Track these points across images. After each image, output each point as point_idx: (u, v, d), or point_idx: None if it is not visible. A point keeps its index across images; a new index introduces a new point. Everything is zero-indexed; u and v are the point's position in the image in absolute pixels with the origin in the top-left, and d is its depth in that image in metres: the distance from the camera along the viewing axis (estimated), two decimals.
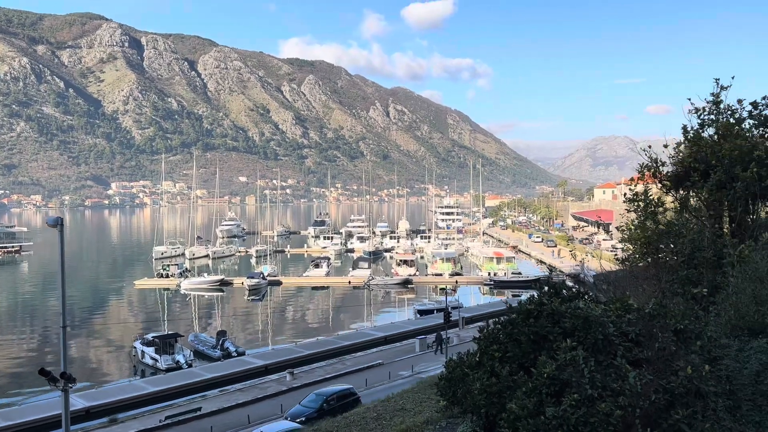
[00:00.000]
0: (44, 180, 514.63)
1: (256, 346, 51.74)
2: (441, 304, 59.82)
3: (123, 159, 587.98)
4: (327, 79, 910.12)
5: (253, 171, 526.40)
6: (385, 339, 49.74)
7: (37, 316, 68.62)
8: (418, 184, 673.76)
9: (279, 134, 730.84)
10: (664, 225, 14.49)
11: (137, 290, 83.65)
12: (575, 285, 45.60)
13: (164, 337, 45.11)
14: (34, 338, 58.48)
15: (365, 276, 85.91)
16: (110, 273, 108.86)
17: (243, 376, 39.90)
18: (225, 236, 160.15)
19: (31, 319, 67.55)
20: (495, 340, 9.39)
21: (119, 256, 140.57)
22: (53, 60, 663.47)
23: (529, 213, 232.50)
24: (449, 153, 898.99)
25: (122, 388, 37.54)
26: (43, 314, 69.66)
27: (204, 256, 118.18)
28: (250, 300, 76.50)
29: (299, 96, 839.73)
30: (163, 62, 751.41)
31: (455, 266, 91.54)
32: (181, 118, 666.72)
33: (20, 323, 65.40)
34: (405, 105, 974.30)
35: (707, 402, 8.12)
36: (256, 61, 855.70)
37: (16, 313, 71.15)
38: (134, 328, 60.61)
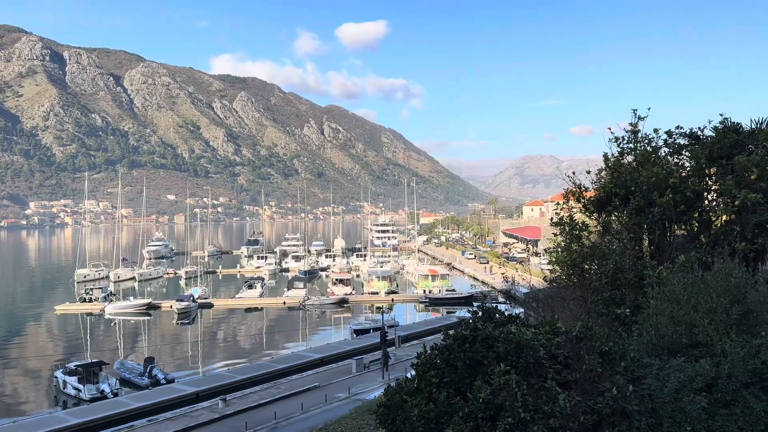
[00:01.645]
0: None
1: (187, 372, 50.01)
2: (377, 323, 59.78)
3: (42, 177, 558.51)
4: (260, 96, 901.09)
5: (183, 189, 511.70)
6: (321, 360, 49.21)
7: None
8: (354, 202, 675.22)
9: (210, 151, 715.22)
10: (589, 247, 15.24)
11: (58, 316, 79.18)
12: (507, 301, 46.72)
13: (88, 366, 42.91)
14: None
15: (300, 296, 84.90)
16: (28, 298, 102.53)
17: (173, 405, 38.44)
18: (152, 257, 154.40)
19: None
20: (432, 366, 9.54)
21: (38, 280, 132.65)
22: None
23: (462, 230, 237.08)
24: (384, 171, 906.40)
25: (42, 421, 35.30)
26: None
27: (130, 278, 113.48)
28: (180, 324, 73.91)
29: (231, 113, 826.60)
30: (87, 77, 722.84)
31: (391, 284, 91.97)
32: (105, 134, 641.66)
33: None
34: (340, 123, 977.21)
35: (632, 421, 8.55)
36: (186, 77, 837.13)
37: None
38: (55, 356, 57.27)
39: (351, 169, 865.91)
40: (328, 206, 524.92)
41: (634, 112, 15.86)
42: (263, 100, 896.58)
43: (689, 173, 15.24)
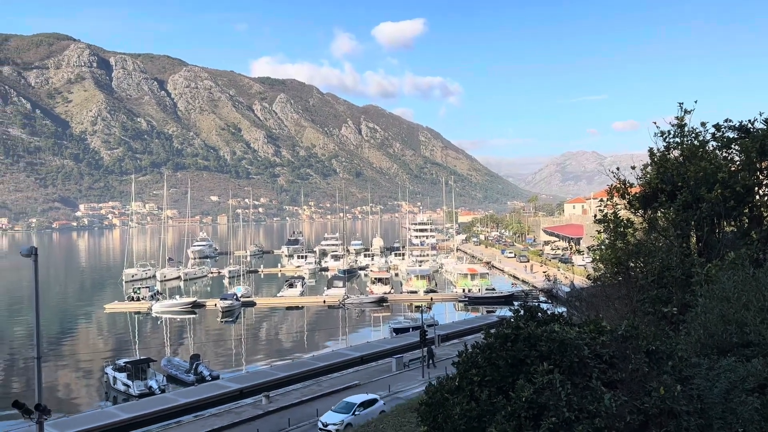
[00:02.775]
0: (10, 202, 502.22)
1: (231, 369, 51.02)
2: (416, 321, 59.78)
3: (91, 180, 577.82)
4: (299, 98, 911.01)
5: (225, 190, 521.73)
6: (362, 359, 49.49)
7: (3, 344, 66.55)
8: (392, 201, 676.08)
9: (251, 153, 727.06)
10: (634, 245, 14.92)
11: (107, 314, 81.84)
12: (548, 300, 46.30)
13: (136, 363, 44.21)
14: (0, 366, 56.67)
15: (340, 295, 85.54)
16: (79, 297, 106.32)
17: (218, 401, 39.26)
18: (197, 257, 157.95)
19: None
20: (474, 364, 9.54)
21: (88, 280, 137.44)
22: (19, 81, 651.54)
23: (502, 228, 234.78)
24: (421, 170, 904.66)
25: (94, 416, 36.59)
26: (9, 341, 67.60)
27: (175, 277, 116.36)
28: (224, 322, 75.46)
29: (271, 115, 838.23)
30: (132, 82, 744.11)
31: (430, 283, 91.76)
32: (150, 137, 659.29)
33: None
34: (377, 122, 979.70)
35: (680, 421, 8.37)
36: (227, 80, 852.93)
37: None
38: (105, 353, 59.24)
39: (389, 169, 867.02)
40: (366, 205, 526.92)
41: (680, 105, 15.45)
42: (302, 102, 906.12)
43: (739, 167, 14.76)
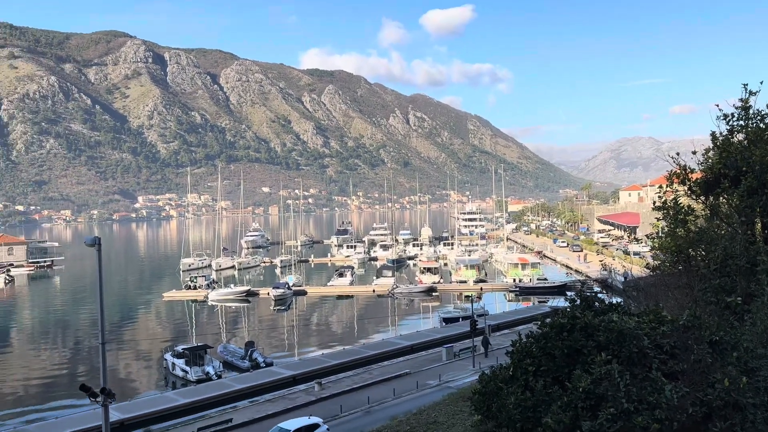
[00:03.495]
0: (73, 195, 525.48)
1: (284, 356, 52.08)
2: (466, 311, 59.47)
3: (149, 173, 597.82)
4: (347, 89, 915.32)
5: (276, 181, 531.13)
6: (411, 348, 49.66)
7: (69, 330, 69.98)
8: (440, 191, 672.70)
9: (300, 144, 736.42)
10: (695, 232, 14.38)
11: (165, 302, 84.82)
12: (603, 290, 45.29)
13: (194, 349, 45.63)
14: (67, 352, 59.63)
15: (389, 284, 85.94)
16: (139, 285, 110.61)
17: (272, 387, 40.17)
18: (250, 247, 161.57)
19: (64, 332, 68.90)
20: (528, 354, 9.44)
21: (147, 269, 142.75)
22: (80, 78, 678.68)
23: (553, 217, 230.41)
24: (470, 158, 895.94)
25: (154, 400, 38.09)
26: (75, 328, 71.03)
27: (230, 267, 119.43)
28: (276, 310, 77.05)
29: (319, 106, 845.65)
30: (186, 76, 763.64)
31: (479, 273, 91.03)
32: (204, 131, 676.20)
33: (53, 337, 66.77)
34: (425, 112, 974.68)
35: (745, 414, 8.07)
36: (277, 73, 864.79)
37: (49, 326, 72.67)
38: (163, 339, 61.46)
39: (437, 158, 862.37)
40: (414, 195, 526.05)
41: (744, 86, 14.72)
42: (350, 92, 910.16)
43: None
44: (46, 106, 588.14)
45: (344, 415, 31.92)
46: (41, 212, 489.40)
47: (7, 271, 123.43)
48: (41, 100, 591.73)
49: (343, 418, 31.54)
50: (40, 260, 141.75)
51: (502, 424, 9.11)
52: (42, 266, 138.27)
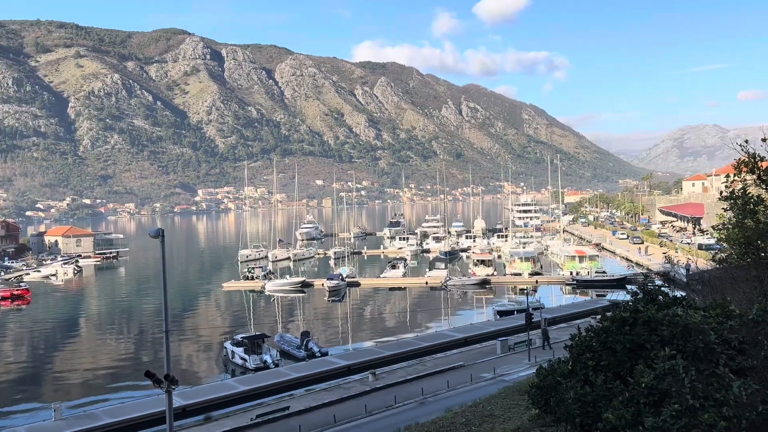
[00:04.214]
0: (137, 189, 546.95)
1: (338, 346, 52.80)
2: (521, 304, 58.64)
3: (208, 167, 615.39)
4: (399, 80, 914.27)
5: (329, 174, 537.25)
6: (465, 340, 49.39)
7: (134, 318, 73.09)
8: (493, 182, 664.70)
9: (353, 137, 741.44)
10: (765, 223, 13.69)
11: (225, 292, 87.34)
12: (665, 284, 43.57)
13: (252, 338, 46.82)
14: (132, 339, 62.32)
15: (442, 276, 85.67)
16: (199, 276, 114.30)
17: (327, 376, 40.79)
18: (304, 239, 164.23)
19: (128, 321, 72.02)
20: (588, 348, 9.24)
21: (207, 260, 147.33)
22: (142, 75, 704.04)
23: (612, 209, 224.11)
24: (525, 149, 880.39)
25: (215, 387, 39.34)
26: (139, 317, 74.12)
27: (285, 258, 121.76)
28: (330, 301, 78.12)
29: (372, 98, 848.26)
30: (243, 72, 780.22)
31: (534, 265, 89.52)
32: (260, 125, 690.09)
33: (119, 325, 69.91)
34: (478, 102, 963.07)
35: None
36: (330, 67, 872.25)
37: (114, 315, 76.11)
38: (223, 328, 63.35)
39: (490, 149, 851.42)
40: (467, 187, 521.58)
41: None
42: (402, 84, 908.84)
43: None
44: (111, 103, 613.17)
45: (398, 406, 32.11)
46: (107, 205, 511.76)
47: (75, 261, 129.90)
48: (105, 97, 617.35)
49: (397, 409, 31.74)
50: (106, 251, 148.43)
51: (560, 419, 8.96)
52: (108, 257, 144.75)
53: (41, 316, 76.22)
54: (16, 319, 74.76)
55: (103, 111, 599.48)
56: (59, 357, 55.79)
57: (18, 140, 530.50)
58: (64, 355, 56.33)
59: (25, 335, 65.49)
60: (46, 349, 59.11)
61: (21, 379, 48.02)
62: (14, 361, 54.72)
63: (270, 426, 30.81)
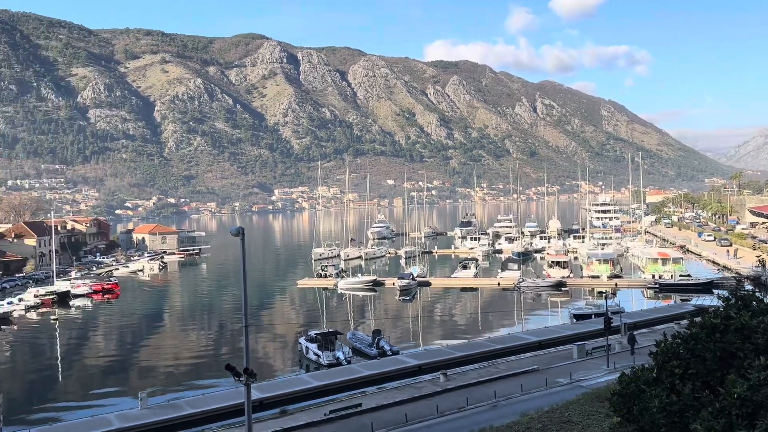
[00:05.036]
0: (218, 188, 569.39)
1: (409, 345, 52.90)
2: (599, 308, 56.80)
3: (284, 167, 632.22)
4: (471, 79, 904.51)
5: (400, 174, 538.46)
6: (539, 344, 48.27)
7: (214, 313, 76.20)
8: (569, 181, 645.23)
9: (424, 137, 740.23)
10: None
11: (299, 289, 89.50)
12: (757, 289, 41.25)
13: (325, 335, 47.71)
14: (212, 333, 64.99)
15: (515, 278, 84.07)
16: (275, 273, 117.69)
17: (398, 375, 40.97)
18: (376, 238, 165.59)
19: (209, 315, 75.15)
20: (674, 356, 8.79)
21: (282, 257, 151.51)
22: (222, 79, 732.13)
23: (698, 209, 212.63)
24: (603, 147, 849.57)
25: (290, 381, 40.39)
26: (219, 311, 77.20)
27: (357, 257, 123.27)
28: (401, 300, 78.40)
29: (443, 98, 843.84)
30: (317, 75, 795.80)
31: (614, 268, 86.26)
32: (333, 126, 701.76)
33: (200, 319, 73.08)
34: (553, 99, 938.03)
35: None
36: (402, 67, 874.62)
37: (196, 310, 79.62)
38: (297, 324, 64.92)
39: (566, 147, 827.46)
40: (541, 186, 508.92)
41: None
42: (474, 82, 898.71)
43: None
44: (193, 107, 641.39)
45: (470, 408, 31.81)
46: (190, 204, 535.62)
47: (161, 258, 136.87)
48: (189, 101, 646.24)
49: (468, 411, 31.45)
50: (189, 248, 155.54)
51: (644, 428, 8.57)
52: (191, 254, 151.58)
53: (129, 309, 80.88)
54: (106, 311, 79.65)
55: (186, 114, 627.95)
56: (145, 348, 59.00)
57: (109, 142, 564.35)
58: (150, 347, 59.51)
59: (114, 327, 69.68)
60: (133, 341, 62.65)
61: (110, 369, 51.12)
62: (104, 352, 58.35)
63: (343, 422, 31.28)
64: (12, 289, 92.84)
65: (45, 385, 47.12)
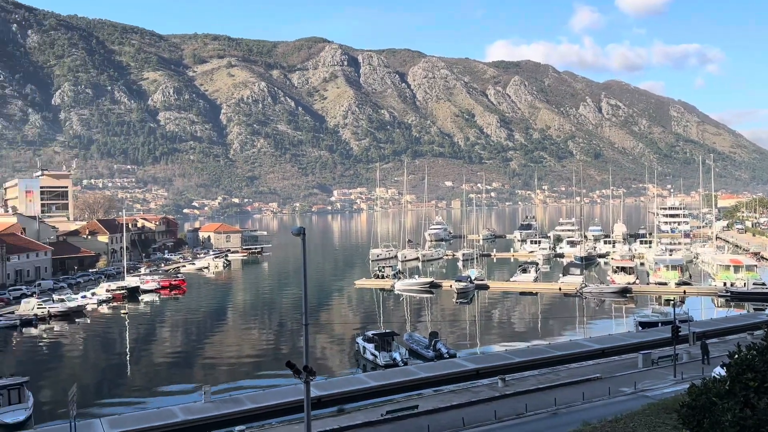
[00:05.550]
0: (279, 189, 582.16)
1: (466, 349, 52.42)
2: (667, 316, 54.75)
3: (343, 168, 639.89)
4: (533, 79, 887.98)
5: (459, 175, 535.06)
6: (602, 351, 46.83)
7: (274, 311, 77.90)
8: (636, 184, 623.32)
9: (483, 138, 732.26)
10: None
11: (356, 289, 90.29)
12: None
13: (382, 335, 47.88)
14: (272, 330, 66.45)
15: (577, 283, 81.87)
16: (333, 273, 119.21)
17: (455, 378, 40.66)
18: (433, 240, 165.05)
19: (270, 312, 76.87)
20: (749, 368, 8.33)
21: (341, 257, 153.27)
22: (285, 82, 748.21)
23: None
24: (672, 148, 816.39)
25: (347, 380, 40.77)
26: (279, 309, 78.88)
27: (414, 258, 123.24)
28: (458, 303, 77.80)
29: (504, 98, 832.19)
30: (377, 77, 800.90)
31: (682, 275, 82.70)
32: (392, 128, 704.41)
33: (260, 316, 74.85)
34: (620, 99, 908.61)
35: None
36: (462, 68, 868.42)
37: (257, 307, 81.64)
38: (354, 324, 65.48)
39: (633, 148, 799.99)
40: (606, 189, 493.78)
41: None
42: (536, 83, 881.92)
43: None
44: (257, 110, 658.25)
45: (529, 415, 31.21)
46: (253, 204, 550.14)
47: (225, 256, 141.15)
48: (253, 104, 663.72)
49: (527, 417, 30.87)
50: (252, 247, 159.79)
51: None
52: (253, 252, 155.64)
53: (194, 305, 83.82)
54: (173, 307, 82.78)
55: (250, 117, 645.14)
56: (208, 343, 60.96)
57: (177, 144, 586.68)
58: (213, 342, 61.44)
59: (180, 322, 72.35)
60: (198, 336, 64.85)
61: (175, 362, 53.08)
62: (170, 346, 60.66)
63: (399, 423, 31.31)
64: (86, 283, 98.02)
65: (114, 376, 49.44)
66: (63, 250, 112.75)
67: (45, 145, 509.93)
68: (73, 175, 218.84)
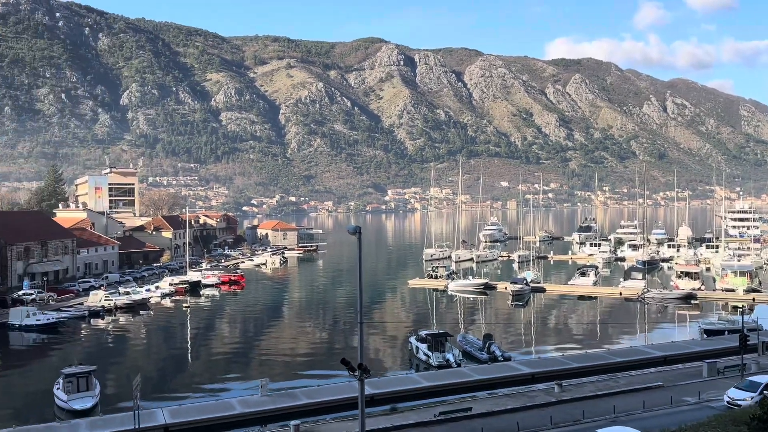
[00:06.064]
0: (334, 188, 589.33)
1: (520, 352, 51.57)
2: (734, 324, 52.37)
3: (397, 168, 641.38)
4: (595, 77, 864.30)
5: (515, 176, 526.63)
6: (665, 359, 45.14)
7: (328, 308, 78.86)
8: (702, 186, 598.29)
9: (541, 137, 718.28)
10: None
11: (410, 289, 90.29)
12: None
13: (436, 336, 47.71)
14: (326, 327, 67.29)
15: (639, 288, 79.22)
16: (387, 272, 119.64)
17: (509, 382, 40.07)
18: (488, 240, 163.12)
19: (324, 310, 77.86)
20: None
21: (394, 257, 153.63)
22: (342, 82, 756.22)
23: None
24: (742, 149, 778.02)
25: (401, 379, 40.83)
26: (333, 306, 79.82)
27: (468, 259, 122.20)
28: (513, 305, 76.62)
29: (564, 97, 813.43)
30: (433, 76, 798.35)
31: (751, 281, 78.80)
32: (447, 127, 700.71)
33: (315, 313, 75.90)
34: (686, 98, 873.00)
35: None
36: (520, 66, 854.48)
37: (312, 303, 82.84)
38: (407, 323, 65.52)
39: (699, 149, 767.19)
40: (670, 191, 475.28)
41: None
42: (598, 81, 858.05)
43: None
44: (315, 110, 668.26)
45: (586, 422, 30.42)
46: (309, 203, 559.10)
47: (282, 253, 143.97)
48: (311, 104, 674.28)
49: (585, 424, 30.09)
50: (308, 245, 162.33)
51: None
52: (309, 250, 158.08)
53: (252, 300, 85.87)
54: (232, 302, 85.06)
55: (308, 117, 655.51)
56: (265, 338, 62.35)
57: (238, 143, 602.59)
58: (270, 337, 62.79)
59: (238, 317, 74.27)
60: (255, 330, 66.43)
61: (233, 356, 54.50)
62: (229, 339, 62.35)
63: (452, 425, 31.13)
64: (150, 277, 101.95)
65: (176, 367, 51.24)
66: (129, 244, 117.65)
67: (113, 143, 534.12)
68: (140, 173, 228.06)
